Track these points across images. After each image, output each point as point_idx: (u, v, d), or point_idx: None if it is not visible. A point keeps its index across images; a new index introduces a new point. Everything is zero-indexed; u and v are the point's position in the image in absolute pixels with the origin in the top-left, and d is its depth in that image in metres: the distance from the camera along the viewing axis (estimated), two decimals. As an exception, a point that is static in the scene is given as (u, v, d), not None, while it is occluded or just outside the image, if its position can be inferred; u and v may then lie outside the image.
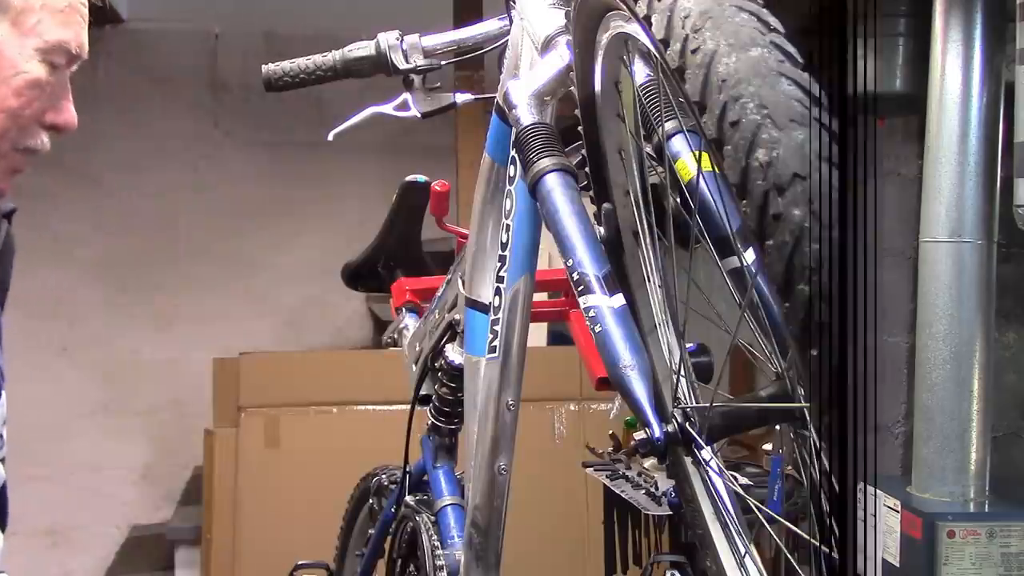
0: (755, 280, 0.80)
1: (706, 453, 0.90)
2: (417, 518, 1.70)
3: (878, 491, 2.03)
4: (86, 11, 1.19)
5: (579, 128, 1.03)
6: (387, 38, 1.49)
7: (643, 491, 2.62)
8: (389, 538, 1.88)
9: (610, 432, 2.95)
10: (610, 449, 2.92)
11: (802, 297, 0.57)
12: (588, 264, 0.93)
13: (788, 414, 0.81)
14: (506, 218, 1.28)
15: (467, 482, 1.46)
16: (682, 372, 0.93)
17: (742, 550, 0.86)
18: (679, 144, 0.97)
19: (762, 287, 0.79)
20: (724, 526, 0.88)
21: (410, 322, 1.84)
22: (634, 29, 0.85)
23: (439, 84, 1.51)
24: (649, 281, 0.99)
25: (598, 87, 0.99)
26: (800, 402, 0.78)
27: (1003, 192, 1.97)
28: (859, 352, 0.59)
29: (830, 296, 0.57)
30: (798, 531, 0.76)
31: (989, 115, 1.95)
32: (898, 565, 1.99)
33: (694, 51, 0.67)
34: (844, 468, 0.62)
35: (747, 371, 2.68)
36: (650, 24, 0.71)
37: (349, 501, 2.20)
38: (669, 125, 0.97)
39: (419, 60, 1.49)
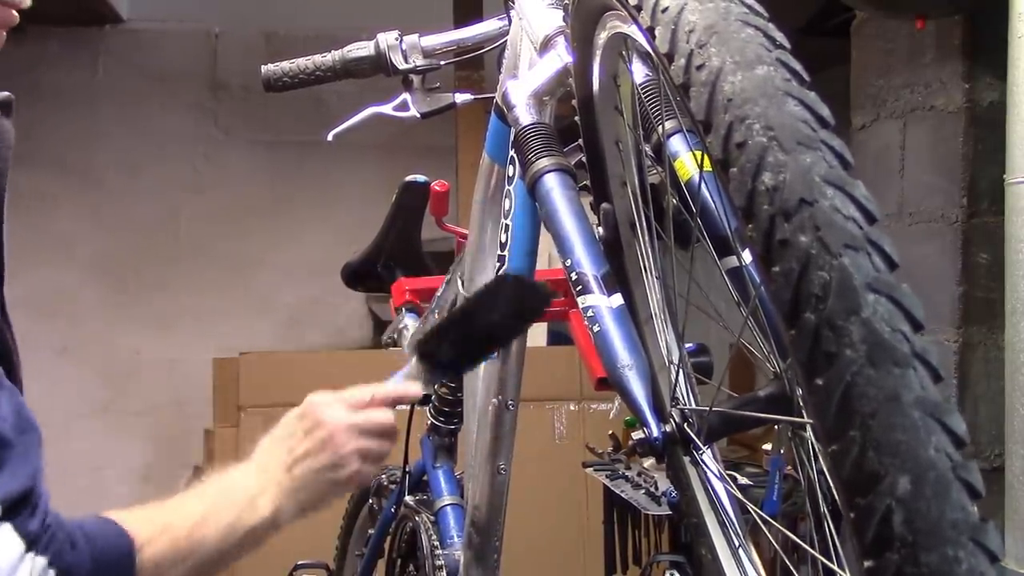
0: (757, 286, 0.80)
1: (704, 454, 0.90)
2: (417, 518, 1.70)
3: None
4: None
5: (575, 118, 1.02)
6: (386, 38, 1.48)
7: (643, 491, 2.63)
8: (389, 538, 1.88)
9: (610, 432, 2.95)
10: (610, 449, 2.92)
11: (808, 326, 0.55)
12: (587, 264, 0.93)
13: (786, 414, 0.81)
14: (505, 218, 1.28)
15: (467, 482, 1.46)
16: (681, 371, 0.93)
17: (736, 541, 0.86)
18: (678, 143, 0.97)
19: (760, 286, 0.79)
20: (721, 523, 0.88)
21: (410, 322, 1.84)
22: (631, 30, 0.85)
23: (438, 84, 1.50)
24: (645, 271, 0.99)
25: (596, 87, 0.99)
26: (797, 401, 0.78)
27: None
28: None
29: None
30: (793, 537, 0.76)
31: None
32: None
33: (699, 68, 0.65)
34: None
35: (746, 367, 2.65)
36: (654, 36, 0.70)
37: (349, 501, 2.20)
38: (668, 124, 0.97)
39: (418, 60, 1.48)
